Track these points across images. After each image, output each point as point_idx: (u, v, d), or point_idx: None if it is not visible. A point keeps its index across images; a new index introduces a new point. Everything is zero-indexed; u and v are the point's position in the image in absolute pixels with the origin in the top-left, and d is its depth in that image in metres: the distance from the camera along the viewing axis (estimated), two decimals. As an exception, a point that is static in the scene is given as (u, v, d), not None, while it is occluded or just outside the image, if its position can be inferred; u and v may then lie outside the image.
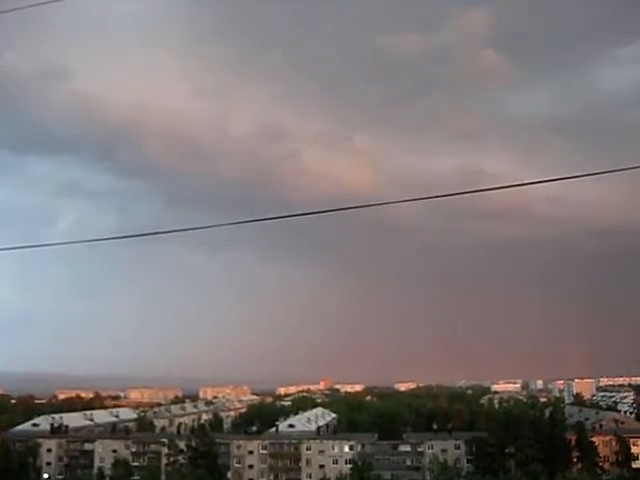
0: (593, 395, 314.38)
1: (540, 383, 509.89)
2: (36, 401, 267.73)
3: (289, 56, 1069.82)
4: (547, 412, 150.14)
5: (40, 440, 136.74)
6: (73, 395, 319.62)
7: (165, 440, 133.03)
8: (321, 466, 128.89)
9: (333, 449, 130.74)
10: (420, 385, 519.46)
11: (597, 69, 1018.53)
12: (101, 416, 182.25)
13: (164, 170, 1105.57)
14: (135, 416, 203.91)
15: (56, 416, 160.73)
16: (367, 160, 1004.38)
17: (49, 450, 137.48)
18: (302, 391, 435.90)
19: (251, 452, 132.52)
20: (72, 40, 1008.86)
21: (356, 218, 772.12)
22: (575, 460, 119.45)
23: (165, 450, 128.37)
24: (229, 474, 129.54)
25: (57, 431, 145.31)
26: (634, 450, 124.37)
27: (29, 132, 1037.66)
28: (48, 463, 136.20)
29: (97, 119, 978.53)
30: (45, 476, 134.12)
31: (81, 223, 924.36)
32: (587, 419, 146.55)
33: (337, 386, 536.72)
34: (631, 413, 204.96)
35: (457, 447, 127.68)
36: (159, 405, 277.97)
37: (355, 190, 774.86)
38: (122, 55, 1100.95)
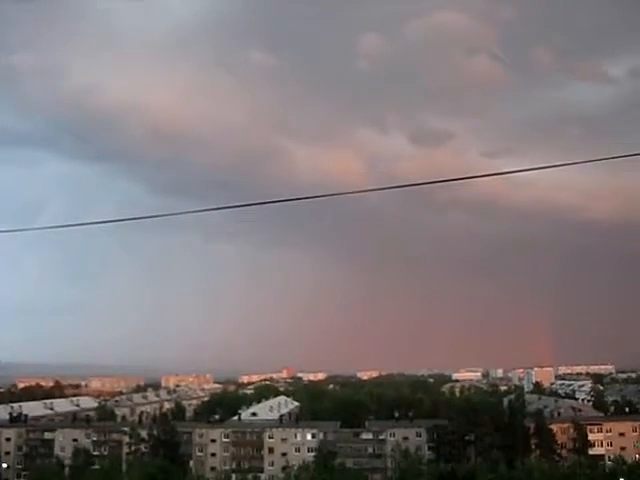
0: (552, 383, 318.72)
1: (500, 372, 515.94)
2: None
3: (275, 54, 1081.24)
4: (507, 400, 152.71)
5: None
6: (33, 384, 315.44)
7: (126, 429, 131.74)
8: (283, 454, 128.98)
9: (296, 437, 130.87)
10: (382, 373, 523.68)
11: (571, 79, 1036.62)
12: (61, 405, 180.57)
13: (151, 159, 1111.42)
14: (96, 405, 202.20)
15: (15, 405, 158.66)
16: (353, 153, 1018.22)
17: (8, 439, 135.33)
18: (265, 379, 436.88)
19: (213, 440, 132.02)
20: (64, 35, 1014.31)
21: (323, 207, 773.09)
22: (534, 447, 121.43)
23: (126, 439, 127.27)
24: (191, 463, 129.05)
25: (16, 420, 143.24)
26: (591, 437, 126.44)
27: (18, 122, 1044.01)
28: (7, 452, 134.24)
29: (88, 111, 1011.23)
30: (4, 465, 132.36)
31: (61, 214, 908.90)
32: (546, 407, 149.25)
33: (300, 374, 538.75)
34: (588, 401, 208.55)
35: (418, 435, 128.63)
36: (121, 394, 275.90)
37: (338, 181, 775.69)
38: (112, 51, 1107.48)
